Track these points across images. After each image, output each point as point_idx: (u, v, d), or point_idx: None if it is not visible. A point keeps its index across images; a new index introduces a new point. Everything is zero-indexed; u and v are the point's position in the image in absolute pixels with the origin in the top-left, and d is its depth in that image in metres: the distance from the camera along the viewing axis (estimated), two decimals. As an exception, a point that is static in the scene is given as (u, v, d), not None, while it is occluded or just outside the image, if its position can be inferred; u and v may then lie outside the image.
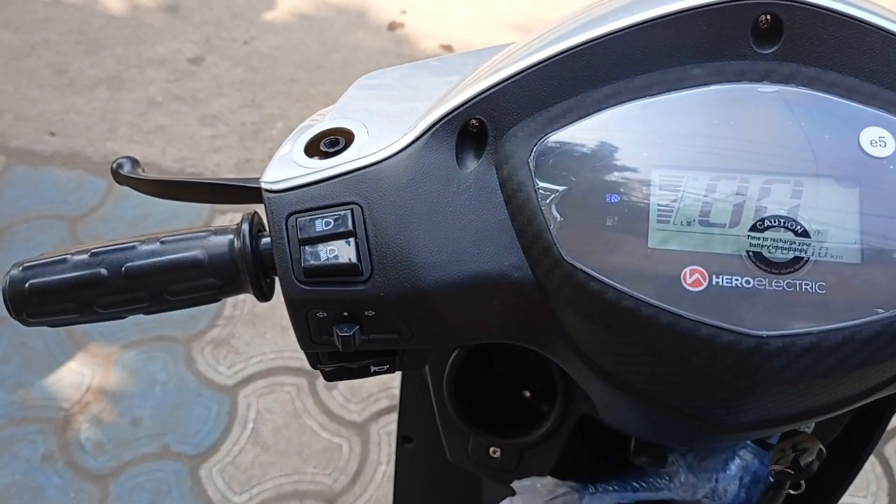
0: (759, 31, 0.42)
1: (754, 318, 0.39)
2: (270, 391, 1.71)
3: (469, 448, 0.68)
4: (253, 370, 1.74)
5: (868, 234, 0.39)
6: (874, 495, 1.61)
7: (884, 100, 0.41)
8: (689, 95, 0.41)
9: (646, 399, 0.43)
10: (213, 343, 1.79)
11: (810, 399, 0.41)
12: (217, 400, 1.70)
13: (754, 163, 0.40)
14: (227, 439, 1.64)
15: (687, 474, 0.67)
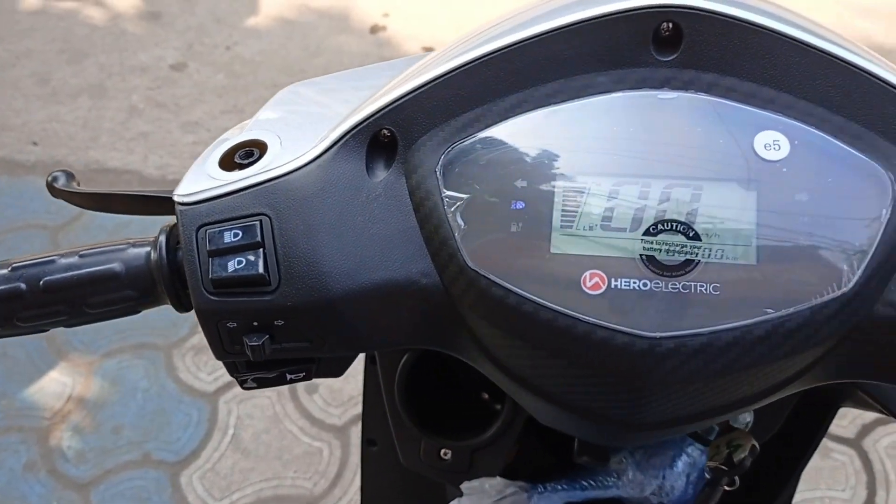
0: (660, 39, 0.42)
1: (648, 319, 0.39)
2: (251, 396, 1.71)
3: (421, 451, 0.68)
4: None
5: (762, 237, 0.39)
6: (853, 489, 1.61)
7: (781, 103, 0.41)
8: (593, 103, 0.42)
9: (555, 401, 0.44)
10: (194, 350, 1.79)
11: (712, 397, 0.42)
12: (198, 406, 1.71)
13: (655, 168, 0.40)
14: (207, 445, 1.65)
15: (635, 472, 0.68)
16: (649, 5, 0.42)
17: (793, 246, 0.39)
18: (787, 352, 0.39)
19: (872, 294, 0.39)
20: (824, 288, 0.39)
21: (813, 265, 0.39)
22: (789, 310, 0.39)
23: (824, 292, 0.39)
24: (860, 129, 0.41)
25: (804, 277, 0.39)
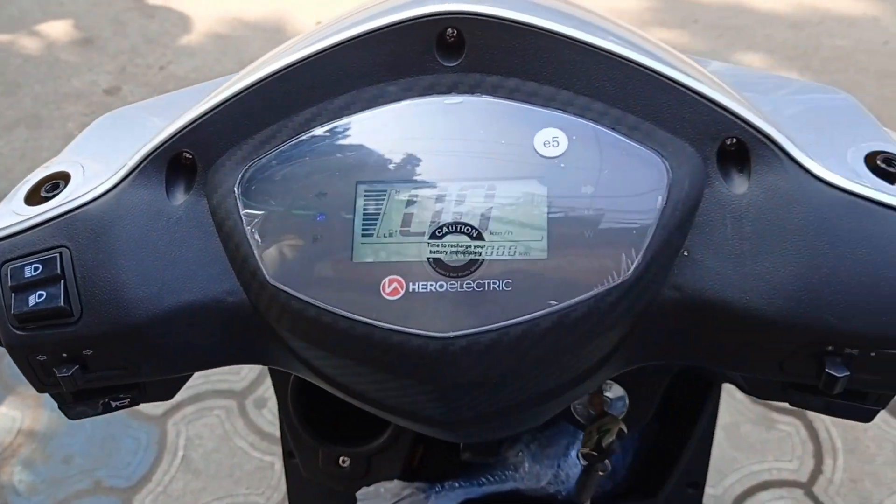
0: (445, 46, 0.43)
1: (441, 320, 0.40)
2: (199, 416, 1.71)
3: (320, 460, 0.69)
4: (181, 397, 1.74)
5: (553, 231, 0.40)
6: (800, 458, 1.64)
7: (561, 100, 0.42)
8: (385, 112, 0.43)
9: (378, 406, 0.45)
10: (141, 373, 1.78)
11: (522, 388, 0.43)
12: (146, 430, 1.70)
13: (449, 171, 0.42)
14: (158, 469, 1.64)
15: (531, 463, 0.69)
16: (431, 13, 0.43)
17: (578, 238, 0.40)
18: (577, 341, 0.41)
19: (655, 279, 0.41)
20: (605, 277, 0.40)
21: (596, 255, 0.40)
22: (573, 300, 0.40)
23: (605, 281, 0.40)
24: (637, 119, 0.42)
25: (588, 268, 0.40)
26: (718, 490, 1.59)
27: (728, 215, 0.41)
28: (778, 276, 0.40)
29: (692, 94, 0.42)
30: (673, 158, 0.41)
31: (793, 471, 1.62)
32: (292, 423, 0.68)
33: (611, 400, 0.60)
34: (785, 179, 0.41)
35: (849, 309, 0.40)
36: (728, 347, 0.43)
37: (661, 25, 2.87)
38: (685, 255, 0.41)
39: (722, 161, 0.42)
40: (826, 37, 2.81)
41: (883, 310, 0.39)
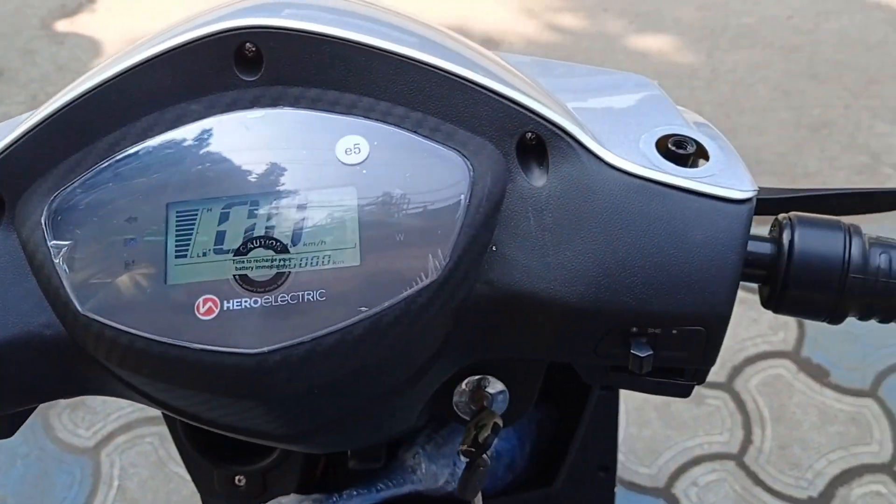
0: (244, 60, 0.43)
1: (255, 336, 0.41)
2: (133, 445, 1.69)
3: (215, 481, 0.69)
4: (112, 427, 1.72)
5: (364, 238, 0.41)
6: (729, 431, 1.68)
7: (363, 107, 0.43)
8: (190, 131, 0.43)
9: (216, 426, 0.45)
10: (70, 407, 1.76)
11: (350, 397, 0.44)
12: (80, 463, 1.68)
13: (258, 187, 0.42)
14: (94, 502, 1.62)
15: (428, 464, 0.70)
16: (225, 30, 0.43)
17: (388, 242, 0.41)
18: (393, 345, 0.41)
19: (467, 276, 0.42)
20: (415, 278, 0.41)
21: (404, 258, 0.41)
22: (384, 304, 0.41)
23: (415, 282, 0.41)
24: (437, 121, 0.43)
25: (397, 271, 0.41)
26: (653, 469, 1.62)
27: (530, 208, 0.43)
28: (578, 263, 0.42)
29: (487, 93, 0.43)
30: (474, 157, 0.43)
31: (724, 443, 1.66)
32: (184, 446, 0.68)
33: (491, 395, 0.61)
34: (580, 169, 0.43)
35: (645, 290, 0.41)
36: (544, 337, 0.45)
37: (572, 15, 2.90)
38: (493, 250, 0.42)
39: (522, 156, 0.44)
40: (733, 16, 2.87)
41: (676, 288, 0.41)
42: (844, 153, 2.31)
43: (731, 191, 0.42)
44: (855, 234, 0.44)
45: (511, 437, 0.74)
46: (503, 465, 0.73)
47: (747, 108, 2.48)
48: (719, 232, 0.41)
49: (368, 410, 0.45)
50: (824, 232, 0.44)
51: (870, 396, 1.72)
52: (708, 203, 0.41)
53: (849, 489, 1.59)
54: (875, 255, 0.44)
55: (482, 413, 0.59)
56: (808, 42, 2.74)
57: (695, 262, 0.41)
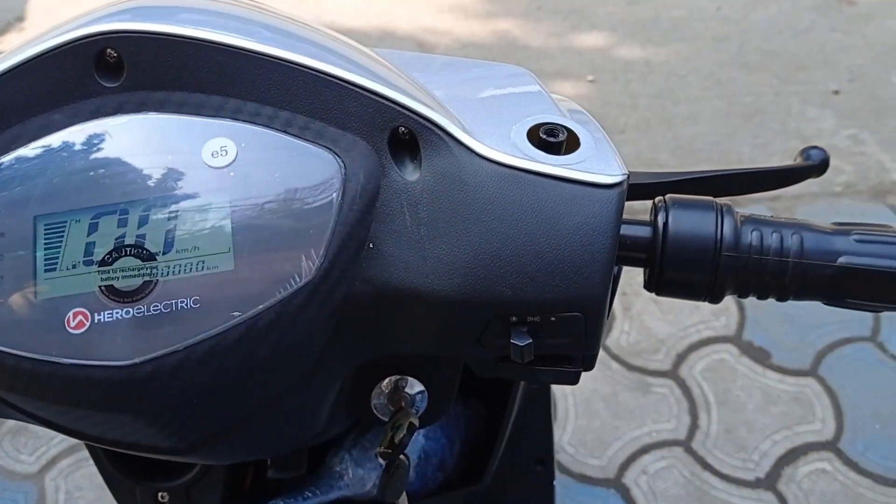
0: (106, 67, 0.42)
1: (125, 348, 0.40)
2: (77, 468, 1.66)
3: (138, 499, 0.68)
4: (56, 451, 1.68)
5: (237, 242, 0.40)
6: (676, 417, 1.70)
7: (230, 109, 0.42)
8: (54, 141, 0.42)
9: (100, 442, 0.44)
10: (11, 433, 1.72)
11: (234, 405, 0.43)
12: (24, 490, 1.64)
13: (127, 194, 0.41)
14: (39, 529, 1.59)
15: (355, 469, 0.70)
16: (82, 36, 0.42)
17: (261, 245, 0.41)
18: (272, 349, 0.41)
19: (344, 275, 0.42)
20: (288, 280, 0.40)
21: (277, 260, 0.41)
22: (258, 308, 0.40)
23: (289, 284, 0.40)
24: (307, 119, 0.43)
25: (271, 274, 0.40)
26: (603, 460, 1.63)
27: (405, 203, 0.43)
28: (454, 256, 0.42)
29: (356, 89, 0.43)
30: (345, 154, 0.42)
31: (671, 430, 1.68)
32: (102, 463, 0.67)
33: (410, 395, 0.60)
34: (452, 162, 0.43)
35: (521, 278, 0.41)
36: (428, 332, 0.45)
37: (506, 15, 2.92)
38: (370, 247, 0.42)
39: (395, 151, 0.44)
40: (663, 9, 2.91)
41: (551, 275, 0.41)
42: (777, 139, 2.35)
43: (600, 176, 0.42)
44: (727, 212, 0.45)
45: (439, 437, 0.73)
46: (432, 465, 0.72)
47: (681, 98, 2.52)
48: (590, 217, 0.41)
49: (262, 417, 0.45)
50: (696, 212, 0.45)
51: (810, 376, 1.75)
52: (578, 189, 0.42)
53: (794, 468, 1.62)
54: (747, 232, 0.44)
55: (398, 414, 0.59)
56: (738, 32, 2.79)
57: (567, 248, 0.41)
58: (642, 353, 1.81)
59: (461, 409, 0.77)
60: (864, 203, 2.15)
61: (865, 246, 0.44)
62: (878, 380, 1.74)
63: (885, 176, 2.22)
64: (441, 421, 0.74)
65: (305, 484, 0.70)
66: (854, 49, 2.71)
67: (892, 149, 2.31)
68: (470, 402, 0.78)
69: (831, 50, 2.71)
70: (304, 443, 0.55)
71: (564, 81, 2.60)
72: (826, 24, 2.82)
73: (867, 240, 0.44)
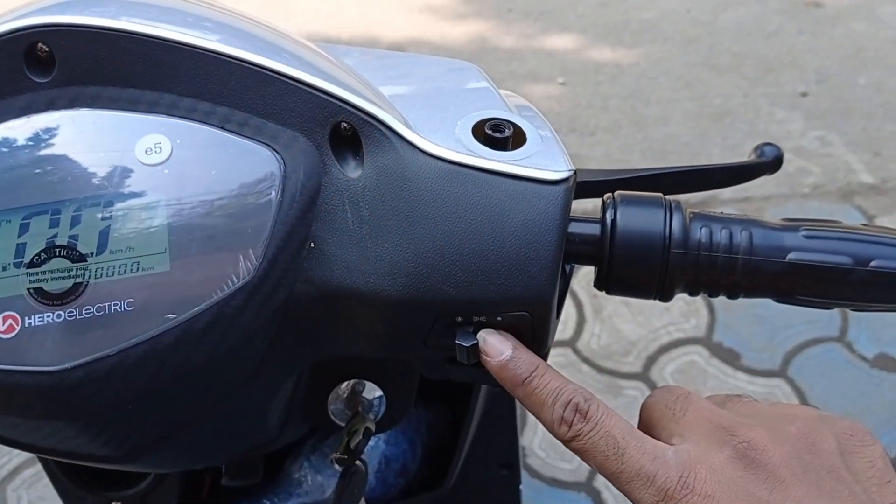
0: (37, 62, 0.41)
1: (55, 352, 0.38)
2: (40, 478, 1.63)
3: None
4: (18, 461, 1.65)
5: (173, 242, 0.39)
6: (647, 420, 1.69)
7: (165, 104, 0.41)
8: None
9: (36, 451, 0.43)
10: (-28, 443, 1.69)
11: (173, 410, 0.42)
12: (-16, 501, 1.61)
13: (58, 194, 0.40)
14: (0, 540, 1.56)
15: (314, 475, 0.68)
16: (10, 30, 0.41)
17: (199, 245, 0.39)
18: (209, 352, 0.40)
19: (285, 275, 0.40)
20: (225, 281, 0.39)
21: (214, 261, 0.39)
22: (194, 310, 0.39)
23: (226, 285, 0.39)
24: (245, 115, 0.42)
25: (208, 274, 0.39)
26: (574, 464, 1.63)
27: (347, 201, 0.41)
28: (396, 255, 0.41)
29: (295, 83, 0.42)
30: (285, 150, 0.41)
31: (642, 432, 1.68)
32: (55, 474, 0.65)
33: (367, 400, 0.59)
34: (395, 158, 0.41)
35: (465, 277, 0.40)
36: (373, 333, 0.43)
37: (477, 17, 2.92)
38: (312, 246, 0.41)
39: (337, 147, 0.42)
40: (633, 11, 2.92)
41: (496, 273, 0.40)
42: (746, 140, 2.36)
43: (546, 172, 0.41)
44: (675, 209, 0.44)
45: (401, 442, 0.72)
46: (394, 470, 0.71)
47: (652, 100, 2.52)
48: (536, 214, 0.40)
49: (205, 423, 0.43)
50: (644, 209, 0.44)
51: (780, 376, 1.76)
52: (523, 185, 0.41)
53: (764, 468, 1.62)
54: (696, 229, 0.43)
55: (354, 418, 0.58)
56: (707, 34, 2.80)
57: (513, 246, 0.40)
58: (613, 355, 1.81)
59: (423, 413, 0.76)
60: (832, 204, 2.16)
61: (814, 241, 0.43)
62: (846, 379, 1.75)
63: (852, 177, 2.24)
64: (403, 425, 0.73)
65: (264, 491, 0.68)
66: (821, 51, 2.73)
67: (860, 150, 2.33)
68: (432, 406, 0.77)
69: (799, 52, 2.72)
70: (257, 449, 0.54)
71: (535, 83, 2.60)
72: (794, 26, 2.84)
73: (816, 235, 0.43)
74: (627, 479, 0.38)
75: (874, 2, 2.96)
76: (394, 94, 0.45)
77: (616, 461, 0.38)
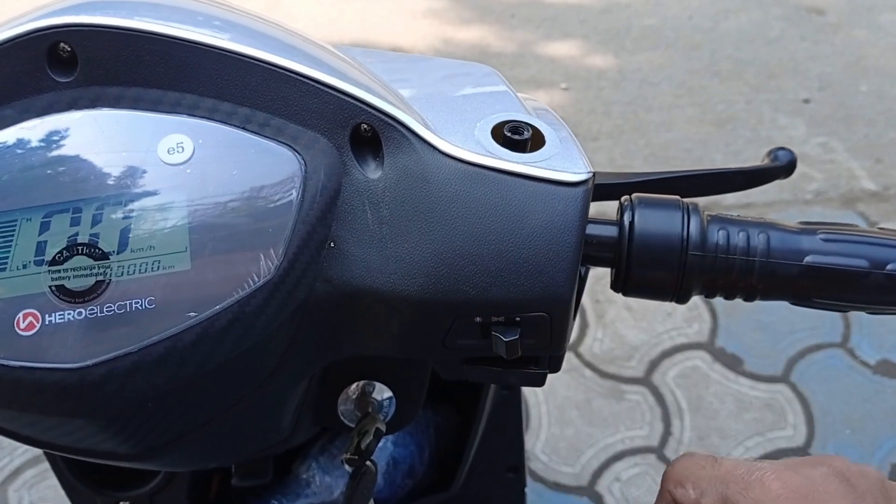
0: (59, 61, 0.41)
1: (77, 350, 0.38)
2: (42, 479, 1.63)
3: None
4: (19, 462, 1.65)
5: (194, 241, 0.39)
6: (649, 424, 1.69)
7: (187, 105, 0.41)
8: (5, 137, 0.41)
9: (54, 448, 0.43)
10: (-26, 444, 1.69)
11: (193, 408, 0.42)
12: (-14, 503, 1.61)
13: (80, 192, 0.40)
14: (2, 541, 1.56)
15: (322, 476, 0.68)
16: (34, 30, 0.41)
17: (220, 244, 0.40)
18: (230, 351, 0.40)
19: (305, 275, 0.41)
20: (246, 280, 0.39)
21: (235, 260, 0.39)
22: (215, 308, 0.39)
23: (247, 284, 0.39)
24: (266, 116, 0.42)
25: (229, 273, 0.39)
26: (576, 468, 1.63)
27: (367, 201, 0.42)
28: (416, 255, 0.41)
29: (317, 85, 0.42)
30: (306, 151, 0.41)
31: (644, 437, 1.68)
32: (63, 474, 0.65)
33: (377, 401, 0.59)
34: (415, 159, 0.42)
35: (485, 278, 0.41)
36: (391, 333, 0.44)
37: (480, 22, 2.92)
38: (331, 246, 0.41)
39: (357, 148, 0.43)
40: (635, 17, 2.93)
41: (515, 275, 0.40)
42: (749, 146, 2.37)
43: (565, 174, 0.41)
44: (693, 212, 0.44)
45: (409, 444, 0.72)
46: (401, 472, 0.71)
47: (654, 106, 2.53)
48: (555, 216, 0.40)
49: (222, 422, 0.43)
50: (662, 211, 0.44)
51: (782, 382, 1.76)
52: (542, 187, 0.41)
53: (766, 474, 1.62)
54: (713, 231, 0.44)
55: (364, 419, 0.58)
56: (709, 40, 2.81)
57: (532, 247, 0.40)
58: (616, 360, 1.81)
59: (431, 415, 0.76)
60: (834, 210, 2.16)
61: (832, 245, 0.43)
62: (848, 385, 1.75)
63: (854, 184, 2.24)
64: (411, 427, 0.73)
65: (272, 492, 0.69)
66: (823, 58, 2.74)
67: (862, 157, 2.33)
68: (440, 408, 0.77)
69: (801, 59, 2.73)
70: (268, 449, 0.54)
71: (538, 89, 2.60)
72: (796, 33, 2.85)
73: (833, 239, 0.44)
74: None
75: (876, 9, 2.97)
76: (412, 95, 0.46)
77: None
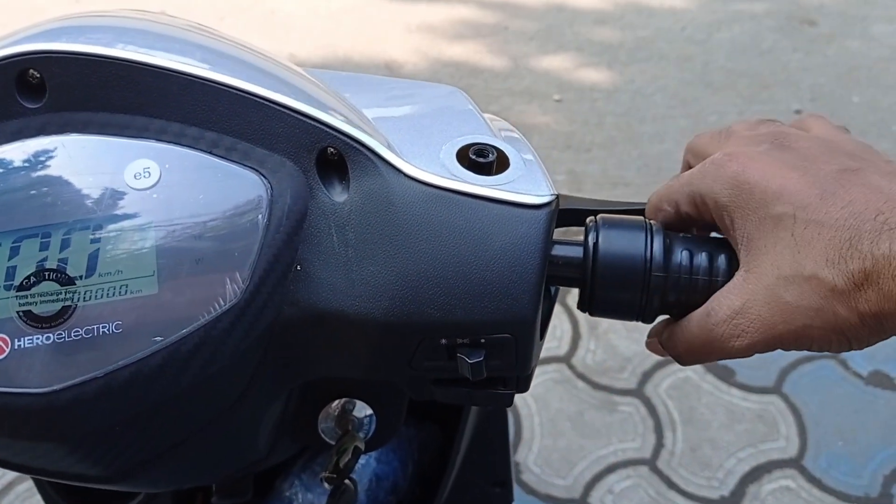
0: (28, 87, 0.42)
1: (44, 374, 0.39)
2: (34, 493, 1.63)
3: None
4: (12, 476, 1.65)
5: (161, 265, 0.40)
6: (642, 436, 1.69)
7: (154, 130, 0.42)
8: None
9: (26, 471, 0.43)
10: (-33, 459, 1.68)
11: (164, 431, 0.42)
12: (-21, 517, 1.61)
13: (49, 217, 0.40)
14: (-6, 556, 1.55)
15: (305, 493, 0.69)
16: (1, 57, 0.41)
17: (186, 268, 0.40)
18: (196, 374, 0.40)
19: (271, 298, 0.41)
20: (213, 303, 0.40)
21: (203, 283, 0.40)
22: (181, 332, 0.39)
23: (213, 308, 0.40)
24: (233, 140, 0.42)
25: (196, 297, 0.40)
26: (569, 480, 1.63)
27: (333, 224, 0.42)
28: (381, 278, 0.41)
29: (282, 109, 0.42)
30: (272, 175, 0.42)
31: (636, 449, 1.68)
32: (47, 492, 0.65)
33: (357, 419, 0.60)
34: (380, 183, 0.42)
35: (449, 300, 0.41)
36: (358, 355, 0.44)
37: (474, 35, 2.93)
38: (298, 269, 0.42)
39: (323, 171, 0.43)
40: (629, 30, 2.94)
41: (479, 297, 0.41)
42: (741, 157, 2.37)
43: (528, 196, 0.42)
44: (657, 232, 0.45)
45: (392, 460, 0.73)
46: (384, 488, 0.71)
47: (647, 117, 2.54)
48: (518, 238, 0.41)
49: (194, 444, 0.44)
50: (626, 232, 0.44)
51: (774, 393, 1.76)
52: (506, 210, 0.41)
53: (759, 486, 1.62)
54: (677, 251, 0.44)
55: (344, 437, 0.58)
56: (702, 52, 2.82)
57: (496, 270, 0.41)
58: (608, 371, 1.81)
59: (414, 431, 0.76)
60: (826, 221, 2.16)
61: None
62: (840, 396, 1.75)
63: (846, 194, 2.25)
64: (394, 444, 0.74)
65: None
66: (815, 69, 2.75)
67: (854, 167, 2.34)
68: (424, 424, 0.77)
69: (793, 70, 2.74)
70: (246, 468, 0.54)
71: (531, 101, 2.61)
72: (789, 44, 2.86)
73: None
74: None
75: (868, 20, 2.99)
76: (379, 117, 0.46)
77: None
